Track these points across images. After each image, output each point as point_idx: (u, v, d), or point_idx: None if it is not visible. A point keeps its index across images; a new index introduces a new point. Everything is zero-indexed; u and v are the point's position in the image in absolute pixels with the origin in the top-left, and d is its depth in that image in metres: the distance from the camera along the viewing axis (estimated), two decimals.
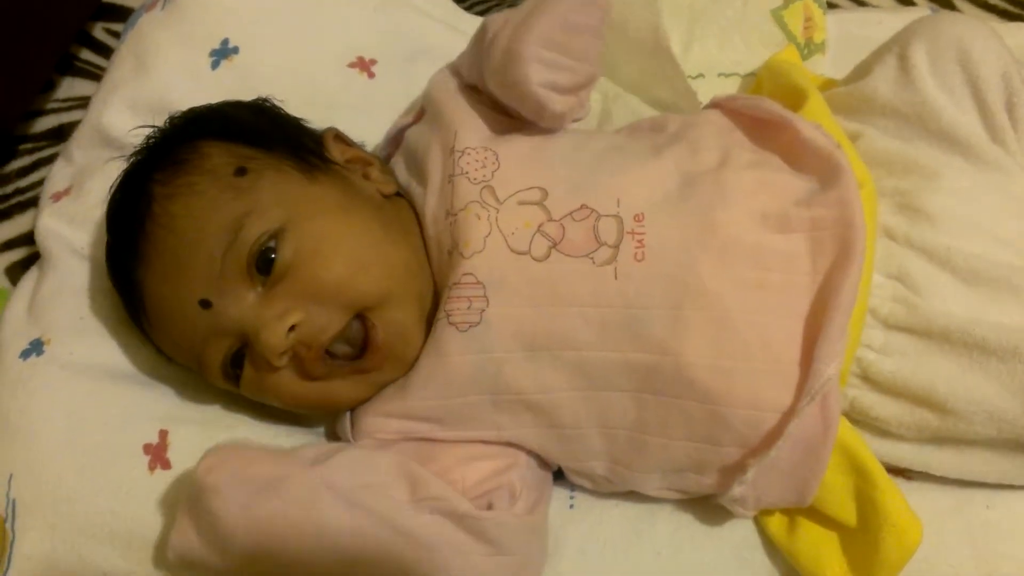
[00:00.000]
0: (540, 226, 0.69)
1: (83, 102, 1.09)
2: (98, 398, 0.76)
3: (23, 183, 1.07)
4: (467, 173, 0.72)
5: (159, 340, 0.74)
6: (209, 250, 0.68)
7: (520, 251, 0.69)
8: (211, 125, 0.76)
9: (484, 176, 0.72)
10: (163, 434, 0.75)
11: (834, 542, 0.71)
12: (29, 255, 0.99)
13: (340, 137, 0.80)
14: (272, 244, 0.68)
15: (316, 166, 0.74)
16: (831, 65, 0.97)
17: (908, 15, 1.02)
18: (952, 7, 1.12)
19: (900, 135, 0.75)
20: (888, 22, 0.98)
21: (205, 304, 0.68)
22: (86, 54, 1.16)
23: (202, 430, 0.75)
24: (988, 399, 0.67)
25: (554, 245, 0.69)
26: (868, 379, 0.70)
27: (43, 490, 0.72)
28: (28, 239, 1.00)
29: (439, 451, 0.71)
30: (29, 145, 1.10)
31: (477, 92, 0.79)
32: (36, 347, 0.79)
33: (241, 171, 0.71)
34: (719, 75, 0.97)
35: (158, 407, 0.77)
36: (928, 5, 1.10)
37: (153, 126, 0.78)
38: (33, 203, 1.02)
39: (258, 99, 0.80)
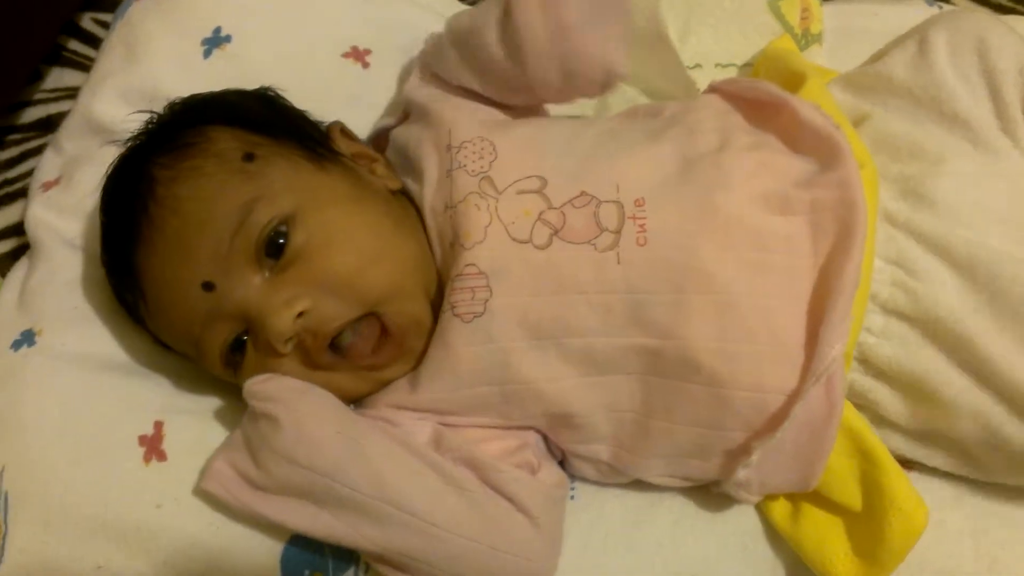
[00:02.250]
0: (540, 214, 0.69)
1: (71, 92, 1.08)
2: (92, 389, 0.75)
3: (11, 174, 1.05)
4: (465, 166, 0.72)
5: (157, 327, 0.72)
6: (216, 231, 0.67)
7: (521, 240, 0.68)
8: (216, 111, 0.75)
9: (482, 167, 0.71)
10: (158, 425, 0.74)
11: (839, 527, 0.70)
12: (17, 246, 0.98)
13: (346, 132, 0.80)
14: (283, 229, 0.67)
15: (325, 156, 0.74)
16: (828, 56, 0.97)
17: (903, 7, 1.02)
18: (949, 1, 1.11)
19: (911, 117, 0.74)
20: (884, 14, 1.00)
21: (208, 287, 0.67)
22: (74, 44, 1.14)
23: (198, 421, 0.75)
24: (974, 401, 0.67)
25: (555, 232, 0.68)
26: (867, 363, 0.70)
27: (36, 482, 0.71)
28: (16, 230, 0.99)
29: (452, 433, 0.70)
30: (16, 136, 1.08)
31: (463, 91, 0.79)
32: (27, 338, 0.78)
33: (249, 156, 0.70)
34: (716, 65, 0.96)
35: (153, 398, 0.76)
36: None
37: (150, 111, 0.77)
38: (21, 194, 1.01)
39: (262, 88, 0.80)
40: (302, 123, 0.78)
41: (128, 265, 0.71)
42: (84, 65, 1.11)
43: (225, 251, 0.67)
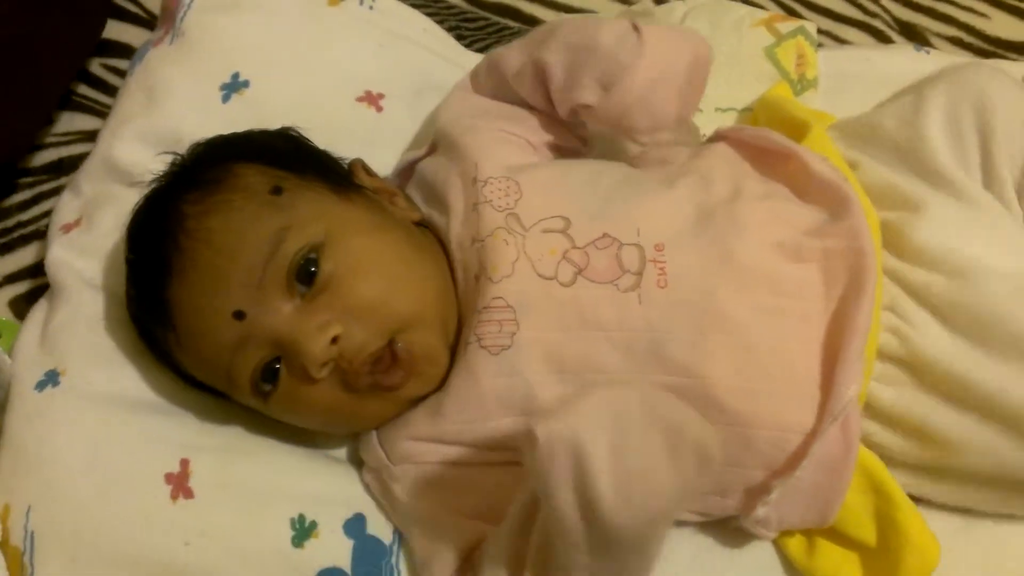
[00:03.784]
0: (565, 253, 0.71)
1: (82, 136, 1.09)
2: (117, 427, 0.75)
3: (24, 216, 1.05)
4: (491, 201, 0.74)
5: (187, 358, 0.73)
6: (249, 261, 0.68)
7: (547, 276, 0.70)
8: (241, 148, 0.77)
9: (508, 204, 0.73)
10: (184, 463, 0.74)
11: (854, 562, 0.71)
12: (33, 288, 0.98)
13: (366, 168, 0.81)
14: (314, 256, 0.68)
15: (348, 188, 0.75)
16: (822, 100, 1.00)
17: (893, 52, 1.06)
18: (928, 44, 1.15)
19: (895, 167, 0.76)
20: (875, 59, 1.03)
21: (239, 315, 0.68)
22: (83, 89, 1.15)
23: (223, 457, 0.75)
24: (981, 438, 0.69)
25: (579, 271, 0.70)
26: (869, 407, 0.71)
27: (63, 521, 0.71)
28: (31, 272, 0.99)
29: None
30: (29, 179, 1.08)
31: (502, 121, 0.81)
32: (52, 378, 0.77)
33: (277, 190, 0.72)
34: (716, 110, 0.98)
35: (179, 435, 0.75)
36: (910, 44, 1.13)
37: (173, 153, 0.79)
38: (36, 236, 1.01)
39: (284, 128, 0.81)
40: (325, 159, 0.80)
41: (159, 299, 0.71)
42: (94, 109, 1.12)
43: (257, 280, 0.68)
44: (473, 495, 0.72)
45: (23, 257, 1.02)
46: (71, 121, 1.13)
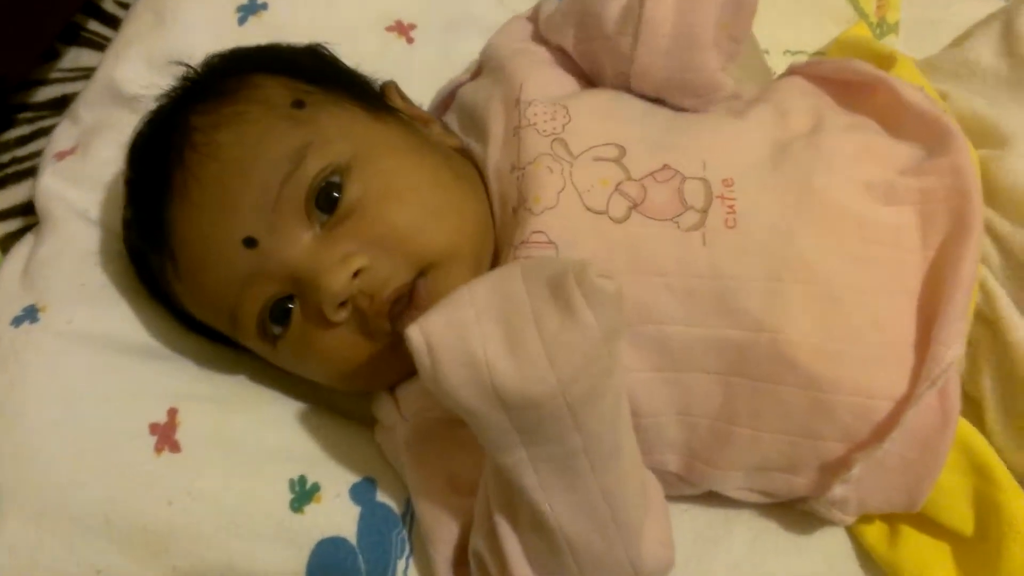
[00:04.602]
0: (618, 185, 0.63)
1: (88, 73, 1.03)
2: (99, 371, 0.68)
3: (21, 152, 0.99)
4: (535, 124, 0.66)
5: (186, 292, 0.66)
6: (262, 181, 0.61)
7: (597, 210, 0.63)
8: (261, 60, 0.70)
9: (554, 128, 0.66)
10: (172, 413, 0.67)
11: (944, 553, 0.65)
12: (25, 226, 0.92)
13: (400, 92, 0.76)
14: (336, 180, 0.62)
15: (381, 108, 0.69)
16: (903, 49, 0.93)
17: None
18: None
19: (991, 98, 0.70)
20: (957, 6, 0.95)
21: (250, 243, 0.61)
22: (94, 25, 1.10)
23: (217, 409, 0.68)
24: None
25: (634, 206, 0.63)
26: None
27: (31, 473, 0.64)
28: (24, 210, 0.93)
29: None
30: (29, 114, 1.03)
31: (553, 51, 0.75)
32: (30, 314, 0.71)
33: (299, 104, 0.65)
34: (785, 52, 0.92)
35: (168, 383, 0.69)
36: None
37: (185, 65, 0.72)
38: (31, 173, 0.94)
39: (312, 43, 0.76)
40: (355, 77, 0.74)
41: (158, 220, 0.64)
42: (103, 46, 1.06)
43: (271, 203, 0.61)
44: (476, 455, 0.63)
45: (16, 194, 0.95)
46: (77, 57, 1.07)
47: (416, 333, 0.52)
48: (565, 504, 0.54)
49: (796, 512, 0.68)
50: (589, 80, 0.75)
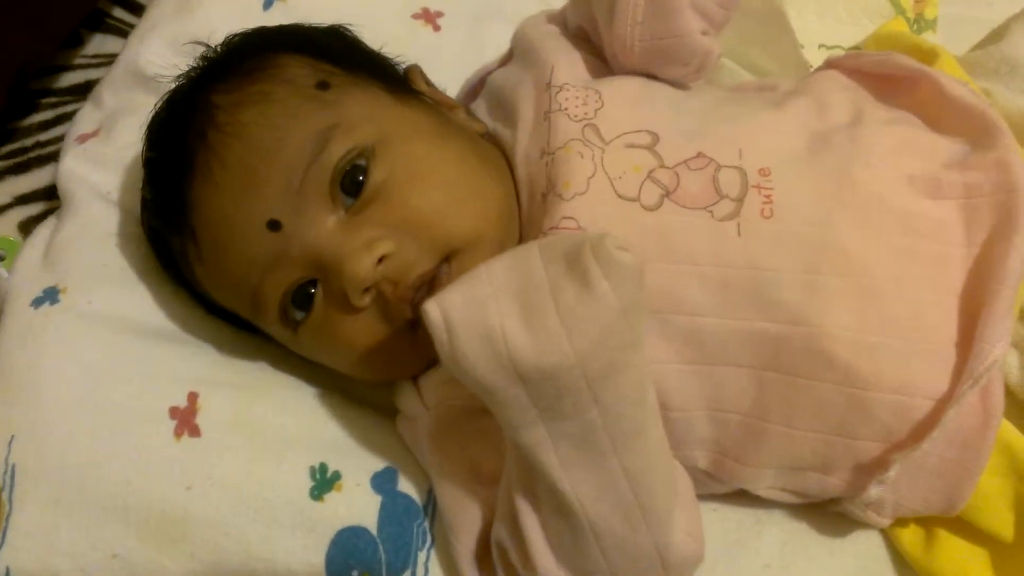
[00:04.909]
0: (651, 172, 0.62)
1: (112, 59, 1.02)
2: (119, 353, 0.67)
3: (43, 137, 0.99)
4: (566, 109, 0.65)
5: (208, 275, 0.65)
6: (287, 163, 0.60)
7: (629, 197, 0.61)
8: (284, 39, 0.69)
9: (586, 113, 0.64)
10: (192, 397, 0.66)
11: (983, 560, 0.62)
12: (47, 210, 0.92)
13: (425, 77, 0.74)
14: (362, 163, 0.60)
15: (406, 92, 0.68)
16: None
17: None
18: None
19: None
20: (998, 4, 0.91)
21: (274, 225, 0.60)
22: (119, 12, 1.10)
23: (237, 394, 0.67)
24: None
25: (667, 194, 0.61)
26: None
27: (49, 455, 0.63)
28: (46, 194, 0.94)
29: None
30: (52, 99, 1.03)
31: (579, 38, 0.73)
32: (50, 295, 0.70)
33: (324, 84, 0.64)
34: (820, 47, 0.90)
35: (188, 367, 0.68)
36: None
37: (206, 44, 0.71)
38: (53, 158, 0.95)
39: (335, 25, 0.74)
40: (379, 59, 0.73)
41: (179, 201, 0.63)
42: (128, 33, 1.05)
43: (296, 185, 0.60)
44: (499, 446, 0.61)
45: (39, 178, 0.96)
46: (102, 44, 1.08)
47: (434, 308, 0.51)
48: (586, 484, 0.53)
49: (829, 513, 0.65)
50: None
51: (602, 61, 0.72)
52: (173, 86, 0.70)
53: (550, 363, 0.49)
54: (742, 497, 0.66)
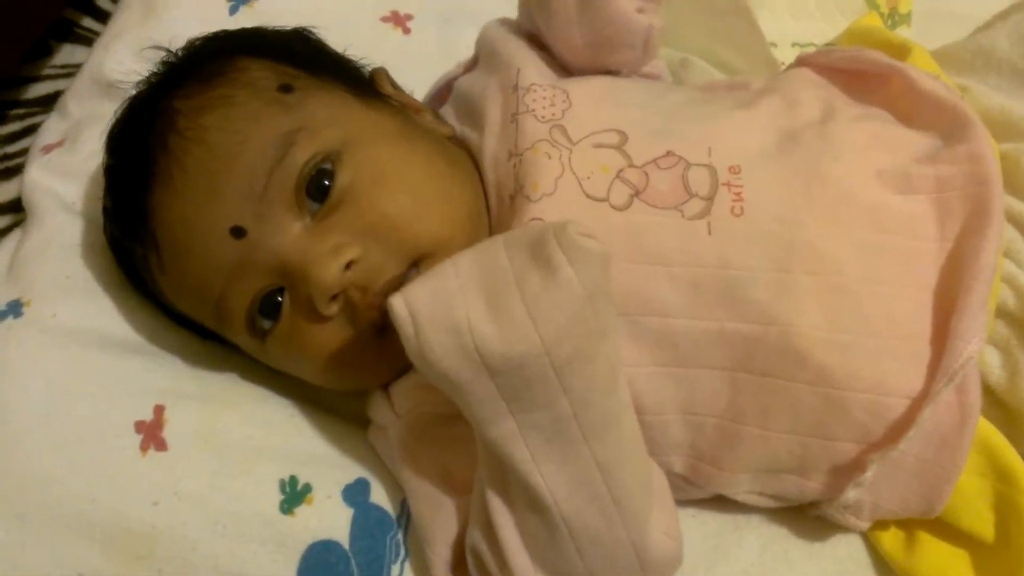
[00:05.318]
0: (620, 172, 0.61)
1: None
2: (84, 367, 0.66)
3: (10, 149, 0.98)
4: (533, 111, 0.64)
5: (171, 284, 0.64)
6: (250, 168, 0.59)
7: (597, 197, 0.60)
8: (245, 43, 0.68)
9: (554, 114, 0.64)
10: (159, 410, 0.65)
11: (964, 561, 0.62)
12: (14, 223, 0.90)
13: (391, 80, 0.73)
14: (328, 167, 0.60)
15: (370, 94, 0.67)
16: (915, 40, 0.89)
17: None
18: None
19: (1010, 92, 0.69)
20: None
21: (238, 232, 0.59)
22: (88, 22, 1.09)
23: (204, 406, 0.66)
24: None
25: (636, 194, 0.61)
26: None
27: (11, 471, 0.62)
28: (13, 207, 0.91)
29: None
30: (20, 111, 1.02)
31: (534, 42, 0.72)
32: (13, 308, 0.68)
33: (286, 88, 0.63)
34: (793, 45, 0.90)
35: (154, 379, 0.67)
36: None
37: (166, 50, 0.70)
38: (20, 170, 0.92)
39: (299, 27, 0.73)
40: (343, 62, 0.72)
41: (140, 208, 0.62)
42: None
43: (260, 191, 0.59)
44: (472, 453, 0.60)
45: (6, 191, 0.94)
46: (71, 54, 1.06)
47: (399, 302, 0.51)
48: (559, 476, 0.53)
49: (808, 518, 0.65)
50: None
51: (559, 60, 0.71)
52: (134, 92, 0.69)
53: (517, 352, 0.49)
54: (721, 503, 0.66)
